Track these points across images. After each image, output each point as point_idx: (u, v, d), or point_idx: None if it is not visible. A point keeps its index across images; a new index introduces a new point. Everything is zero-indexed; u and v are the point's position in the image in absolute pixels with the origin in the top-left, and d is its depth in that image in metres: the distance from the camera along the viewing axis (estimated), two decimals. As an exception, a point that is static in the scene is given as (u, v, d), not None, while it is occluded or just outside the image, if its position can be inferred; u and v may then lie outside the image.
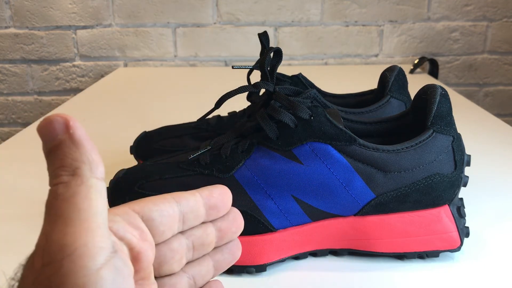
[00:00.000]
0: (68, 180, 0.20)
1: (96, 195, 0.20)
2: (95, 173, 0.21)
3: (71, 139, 0.20)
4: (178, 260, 0.26)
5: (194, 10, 1.20)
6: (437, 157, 0.40)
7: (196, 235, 0.27)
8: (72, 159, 0.20)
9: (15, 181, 0.58)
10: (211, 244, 0.28)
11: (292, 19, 1.20)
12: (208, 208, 0.27)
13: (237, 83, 0.49)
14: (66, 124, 0.20)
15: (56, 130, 0.20)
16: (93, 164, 0.21)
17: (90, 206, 0.20)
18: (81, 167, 0.20)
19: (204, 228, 0.27)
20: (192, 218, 0.26)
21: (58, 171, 0.20)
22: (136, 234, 0.23)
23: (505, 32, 1.21)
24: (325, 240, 0.42)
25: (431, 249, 0.41)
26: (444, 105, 0.40)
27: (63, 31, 1.22)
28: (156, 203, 0.25)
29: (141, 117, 0.83)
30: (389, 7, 1.19)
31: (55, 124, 0.20)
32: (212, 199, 0.27)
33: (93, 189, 0.20)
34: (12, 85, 1.27)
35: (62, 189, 0.20)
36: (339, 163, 0.39)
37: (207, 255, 0.28)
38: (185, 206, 0.26)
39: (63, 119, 0.20)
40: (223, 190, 0.27)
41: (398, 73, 0.53)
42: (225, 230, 0.28)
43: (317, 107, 0.40)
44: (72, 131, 0.20)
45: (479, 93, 1.26)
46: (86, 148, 0.21)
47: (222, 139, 0.44)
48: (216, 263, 0.28)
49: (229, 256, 0.29)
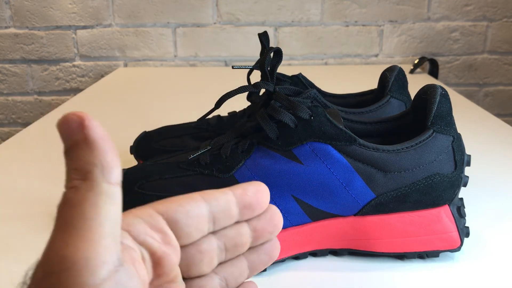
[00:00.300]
0: (79, 185, 0.19)
1: (106, 202, 0.19)
2: (108, 177, 0.19)
3: (86, 140, 0.19)
4: (207, 262, 0.25)
5: (194, 10, 1.20)
6: (437, 157, 0.40)
7: (229, 236, 0.25)
8: (85, 162, 0.19)
9: (15, 181, 0.58)
10: (246, 245, 0.26)
11: (292, 19, 1.20)
12: (241, 207, 0.25)
13: (237, 83, 0.49)
14: (81, 123, 0.19)
15: (71, 129, 0.19)
16: (106, 167, 0.19)
17: (98, 214, 0.19)
18: (93, 170, 0.19)
19: (237, 228, 0.25)
20: (223, 218, 0.24)
21: (71, 174, 0.19)
22: (158, 237, 0.22)
23: (505, 32, 1.21)
24: (325, 240, 0.42)
25: (431, 249, 0.41)
26: (444, 105, 0.40)
27: (63, 31, 1.22)
28: (182, 204, 0.23)
29: (141, 117, 0.83)
30: (389, 7, 1.19)
31: (71, 123, 0.19)
32: (246, 198, 0.25)
33: (103, 196, 0.19)
34: (12, 85, 1.27)
35: (72, 194, 0.19)
36: (339, 163, 0.39)
37: (241, 256, 0.26)
38: (215, 205, 0.24)
39: (78, 117, 0.19)
40: (259, 188, 0.25)
41: (398, 73, 0.53)
42: (261, 230, 0.26)
43: (317, 107, 0.40)
44: (86, 131, 0.19)
45: (479, 93, 1.26)
46: (100, 149, 0.19)
47: (222, 139, 0.44)
48: (251, 264, 0.27)
49: (265, 257, 0.27)
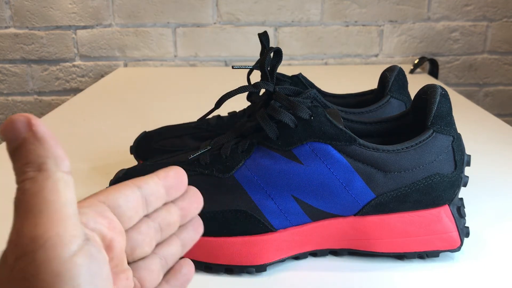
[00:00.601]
0: (35, 176, 0.21)
1: (64, 187, 0.21)
2: (61, 167, 0.21)
3: (35, 136, 0.21)
4: (148, 242, 0.27)
5: (194, 10, 1.20)
6: (437, 157, 0.40)
7: (161, 216, 0.28)
8: (37, 155, 0.21)
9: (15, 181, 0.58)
10: (176, 223, 0.28)
11: (292, 19, 1.20)
12: (167, 189, 0.27)
13: (237, 83, 0.49)
14: (28, 123, 0.21)
15: (19, 129, 0.21)
16: (58, 158, 0.21)
17: (59, 197, 0.20)
18: (47, 162, 0.21)
19: (167, 208, 0.28)
20: (154, 200, 0.27)
21: (24, 167, 0.21)
22: (105, 223, 0.24)
23: (505, 32, 1.21)
24: (325, 240, 0.42)
25: (431, 249, 0.41)
26: (444, 105, 0.40)
27: (63, 31, 1.22)
28: (120, 190, 0.25)
29: (141, 117, 0.83)
30: (389, 7, 1.19)
31: (18, 124, 0.21)
32: (169, 179, 0.27)
33: (61, 182, 0.21)
34: (12, 85, 1.27)
35: (29, 184, 0.20)
36: (339, 163, 0.39)
37: (173, 235, 0.29)
38: (146, 189, 0.26)
39: (25, 117, 0.21)
40: (177, 170, 0.28)
41: (398, 73, 0.53)
42: (187, 208, 0.29)
43: (317, 107, 0.40)
44: (34, 128, 0.21)
45: (479, 93, 1.26)
46: (50, 143, 0.21)
47: (222, 139, 0.44)
48: (183, 241, 0.29)
49: (193, 232, 0.30)
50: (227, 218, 0.40)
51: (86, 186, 0.56)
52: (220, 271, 0.41)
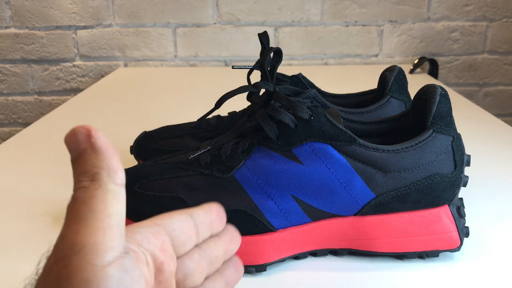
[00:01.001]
0: (87, 185, 0.21)
1: (113, 199, 0.21)
2: (113, 178, 0.22)
3: (92, 148, 0.22)
4: (200, 272, 0.27)
5: (194, 10, 1.20)
6: (437, 157, 0.40)
7: (210, 248, 0.28)
8: (92, 166, 0.22)
9: (15, 181, 0.58)
10: (221, 258, 0.29)
11: (292, 19, 1.20)
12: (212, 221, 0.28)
13: (237, 83, 0.49)
14: (88, 134, 0.22)
15: (79, 140, 0.22)
16: (111, 170, 0.22)
17: (105, 208, 0.21)
18: (100, 172, 0.21)
19: (214, 241, 0.28)
20: (204, 230, 0.27)
21: (80, 177, 0.22)
22: (158, 245, 0.24)
23: (505, 32, 1.21)
24: (325, 240, 0.42)
25: (431, 249, 0.41)
26: (444, 105, 0.40)
27: (63, 31, 1.22)
28: (173, 215, 0.26)
29: (141, 117, 0.83)
30: (389, 7, 1.19)
31: (79, 135, 0.22)
32: (212, 213, 0.28)
33: (110, 193, 0.21)
34: (12, 85, 1.27)
35: (81, 193, 0.21)
36: (339, 163, 0.39)
37: (217, 272, 0.29)
38: (197, 217, 0.27)
39: (85, 129, 0.22)
40: (218, 206, 0.29)
41: (398, 73, 0.53)
42: (228, 244, 0.29)
43: (317, 107, 0.40)
44: (93, 140, 0.22)
45: (479, 93, 1.26)
46: (105, 155, 0.22)
47: (222, 139, 0.44)
48: (225, 279, 0.29)
49: (235, 271, 0.30)
50: (227, 218, 0.40)
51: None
52: (220, 271, 0.41)
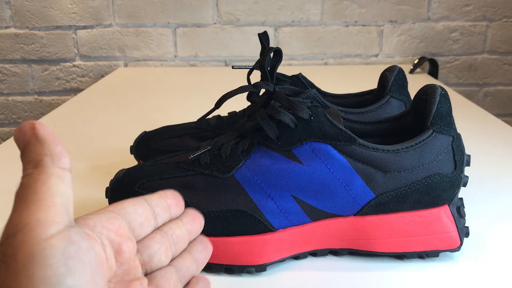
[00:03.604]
0: (32, 171, 0.22)
1: (57, 181, 0.22)
2: (57, 163, 0.23)
3: (36, 138, 0.23)
4: (164, 251, 0.28)
5: (194, 10, 1.20)
6: (437, 157, 0.40)
7: (172, 229, 0.29)
8: (36, 154, 0.23)
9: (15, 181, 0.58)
10: (186, 238, 0.30)
11: (292, 19, 1.20)
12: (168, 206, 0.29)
13: (237, 83, 0.49)
14: (31, 127, 0.23)
15: (25, 133, 0.23)
16: (55, 155, 0.23)
17: (48, 189, 0.22)
18: (43, 159, 0.22)
19: (175, 222, 0.30)
20: (161, 212, 0.29)
21: (26, 166, 0.23)
22: (113, 228, 0.25)
23: (505, 32, 1.21)
24: (325, 240, 0.42)
25: (431, 249, 0.41)
26: (444, 105, 0.40)
27: (63, 31, 1.22)
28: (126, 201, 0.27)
29: (141, 117, 0.83)
30: (389, 7, 1.19)
31: (24, 129, 0.23)
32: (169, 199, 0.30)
33: (54, 176, 0.22)
34: (12, 85, 1.27)
35: (26, 179, 0.22)
36: (339, 163, 0.39)
37: (185, 251, 0.30)
38: (151, 201, 0.28)
39: (29, 123, 0.23)
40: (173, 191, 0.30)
41: (398, 73, 0.53)
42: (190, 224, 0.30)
43: (317, 107, 0.40)
44: (36, 131, 0.23)
45: (479, 93, 1.26)
46: (48, 142, 0.23)
47: (222, 139, 0.44)
48: (195, 256, 0.30)
49: (203, 249, 0.31)
50: (227, 218, 0.40)
51: (86, 186, 0.56)
52: (220, 271, 0.41)
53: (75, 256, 0.21)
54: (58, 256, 0.20)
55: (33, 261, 0.20)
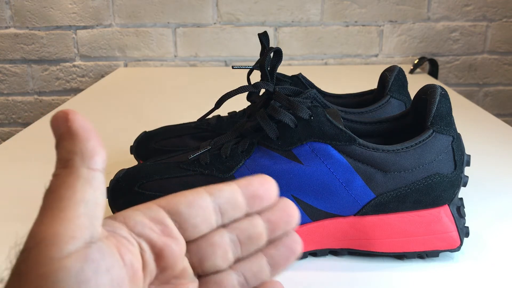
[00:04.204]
0: (60, 172, 0.20)
1: (84, 185, 0.20)
2: (88, 163, 0.20)
3: (69, 132, 0.20)
4: (221, 256, 0.24)
5: (194, 10, 1.20)
6: (437, 157, 0.40)
7: (241, 228, 0.25)
8: (66, 151, 0.20)
9: (15, 181, 0.58)
10: (261, 237, 0.25)
11: (292, 19, 1.20)
12: (248, 198, 0.24)
13: (237, 83, 0.49)
14: (65, 118, 0.20)
15: (58, 125, 0.20)
16: (86, 154, 0.20)
17: (74, 195, 0.19)
18: (73, 158, 0.20)
19: (249, 220, 0.25)
20: (230, 209, 0.24)
21: (56, 164, 0.20)
22: (157, 229, 0.22)
23: (505, 32, 1.21)
24: (325, 240, 0.42)
25: (431, 249, 0.41)
26: (444, 105, 0.40)
27: (63, 31, 1.22)
28: (185, 196, 0.24)
29: (141, 117, 0.83)
30: (389, 7, 1.19)
31: (58, 119, 0.20)
32: (252, 188, 0.25)
33: (81, 179, 0.20)
34: (12, 85, 1.27)
35: (53, 180, 0.20)
36: (339, 163, 0.39)
37: (259, 252, 0.25)
38: (220, 197, 0.24)
39: (63, 113, 0.20)
40: (264, 179, 0.25)
41: (398, 73, 0.53)
42: (275, 221, 0.25)
43: (317, 107, 0.40)
44: (69, 123, 0.20)
45: (479, 93, 1.26)
46: (80, 138, 0.20)
47: (222, 139, 0.44)
48: (271, 259, 0.25)
49: (286, 250, 0.26)
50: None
51: (86, 186, 0.56)
52: (220, 271, 0.41)
53: (91, 279, 0.19)
54: (71, 280, 0.18)
55: (45, 284, 0.18)
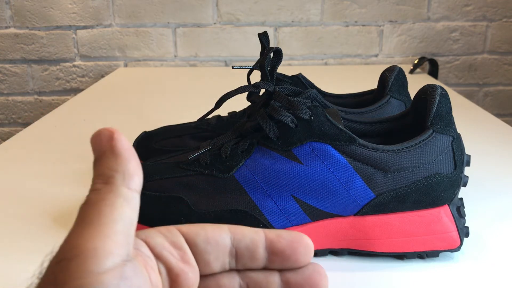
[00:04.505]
0: (100, 188, 0.21)
1: (123, 203, 0.21)
2: (128, 183, 0.21)
3: (112, 150, 0.21)
4: None
5: (194, 10, 1.20)
6: (437, 157, 0.40)
7: (254, 279, 0.24)
8: (108, 169, 0.21)
9: (15, 181, 0.58)
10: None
11: (292, 19, 1.20)
12: (271, 253, 0.23)
13: (237, 83, 0.49)
14: (110, 136, 0.21)
15: (102, 142, 0.21)
16: (127, 174, 0.21)
17: (112, 212, 0.20)
18: (115, 176, 0.21)
19: (265, 275, 0.24)
20: (247, 257, 0.24)
21: (96, 179, 0.21)
22: (177, 254, 0.23)
23: (505, 32, 1.21)
24: (325, 240, 0.42)
25: (431, 249, 0.41)
26: (444, 105, 0.40)
27: (63, 31, 1.22)
28: (205, 228, 0.24)
29: (141, 117, 0.83)
30: (389, 7, 1.19)
31: (102, 137, 0.21)
32: (279, 244, 0.23)
33: (121, 198, 0.21)
34: (12, 85, 1.27)
35: (93, 195, 0.21)
36: (339, 163, 0.39)
37: None
38: (240, 240, 0.24)
39: (108, 131, 0.21)
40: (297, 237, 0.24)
41: (398, 73, 0.53)
42: (295, 285, 0.23)
43: (317, 107, 0.40)
44: (114, 142, 0.21)
45: (479, 93, 1.26)
46: (124, 158, 0.21)
47: (222, 139, 0.44)
48: None
49: None
50: (227, 218, 0.40)
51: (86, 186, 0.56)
52: (220, 271, 0.41)
53: None
54: None
55: None
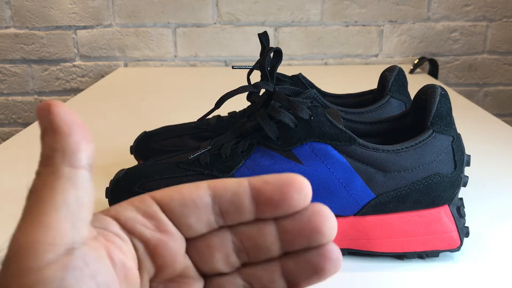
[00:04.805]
0: (41, 171, 0.18)
1: (65, 185, 0.18)
2: (70, 161, 0.18)
3: (50, 126, 0.18)
4: (222, 258, 0.22)
5: (194, 10, 1.20)
6: (437, 157, 0.40)
7: (247, 234, 0.21)
8: (48, 148, 0.18)
9: (16, 181, 0.58)
10: (272, 248, 0.21)
11: (292, 19, 1.21)
12: (258, 202, 0.21)
13: (237, 83, 0.49)
14: (48, 110, 0.18)
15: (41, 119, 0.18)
16: (68, 151, 0.18)
17: (54, 197, 0.18)
18: (54, 155, 0.18)
19: (259, 227, 0.21)
20: (233, 212, 0.21)
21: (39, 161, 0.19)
22: (151, 225, 0.20)
23: (505, 32, 1.21)
24: (325, 240, 0.42)
25: (431, 249, 0.41)
26: (444, 105, 0.40)
27: (63, 31, 1.22)
28: (180, 191, 0.21)
29: (141, 117, 0.83)
30: (389, 7, 1.19)
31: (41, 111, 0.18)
32: (265, 191, 0.20)
33: (63, 180, 0.18)
34: (12, 85, 1.27)
35: (35, 180, 0.18)
36: (339, 163, 0.39)
37: (273, 261, 0.22)
38: (221, 196, 0.21)
39: (46, 105, 0.18)
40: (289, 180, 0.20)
41: (398, 73, 0.53)
42: (293, 232, 0.21)
43: (317, 107, 0.40)
44: (51, 117, 0.18)
45: (479, 93, 1.26)
46: (62, 133, 0.18)
47: (222, 139, 0.44)
48: (288, 274, 0.21)
49: (307, 267, 0.21)
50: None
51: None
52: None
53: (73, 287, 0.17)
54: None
55: None
